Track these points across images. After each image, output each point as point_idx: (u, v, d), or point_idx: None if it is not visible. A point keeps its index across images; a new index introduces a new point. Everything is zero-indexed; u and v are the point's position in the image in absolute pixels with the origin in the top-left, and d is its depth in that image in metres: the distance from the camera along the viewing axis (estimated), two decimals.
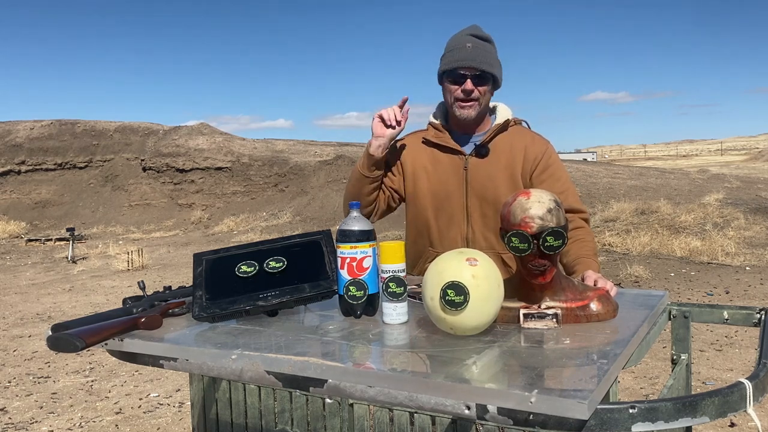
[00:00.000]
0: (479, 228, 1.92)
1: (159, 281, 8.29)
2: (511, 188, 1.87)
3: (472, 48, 1.84)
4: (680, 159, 54.91)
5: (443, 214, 1.95)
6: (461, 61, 1.83)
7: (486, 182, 1.90)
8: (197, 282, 1.50)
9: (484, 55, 1.84)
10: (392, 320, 1.33)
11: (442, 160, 1.94)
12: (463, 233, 1.93)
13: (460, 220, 1.93)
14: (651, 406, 0.92)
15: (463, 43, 1.85)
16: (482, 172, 1.90)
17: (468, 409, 0.95)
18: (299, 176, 15.98)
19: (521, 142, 1.93)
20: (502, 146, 1.92)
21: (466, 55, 1.83)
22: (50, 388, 4.18)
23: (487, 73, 1.85)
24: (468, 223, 1.93)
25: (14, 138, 18.04)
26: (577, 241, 1.81)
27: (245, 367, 1.16)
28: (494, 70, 1.86)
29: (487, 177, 1.90)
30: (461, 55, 1.83)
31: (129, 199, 16.90)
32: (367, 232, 1.41)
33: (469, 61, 1.82)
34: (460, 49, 1.85)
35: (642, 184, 13.28)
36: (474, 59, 1.83)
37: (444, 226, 1.95)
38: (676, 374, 1.54)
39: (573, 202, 1.89)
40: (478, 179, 1.90)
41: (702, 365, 4.11)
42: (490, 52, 1.87)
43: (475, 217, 1.92)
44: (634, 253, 8.21)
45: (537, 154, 1.91)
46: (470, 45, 1.84)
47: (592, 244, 1.83)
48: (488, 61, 1.85)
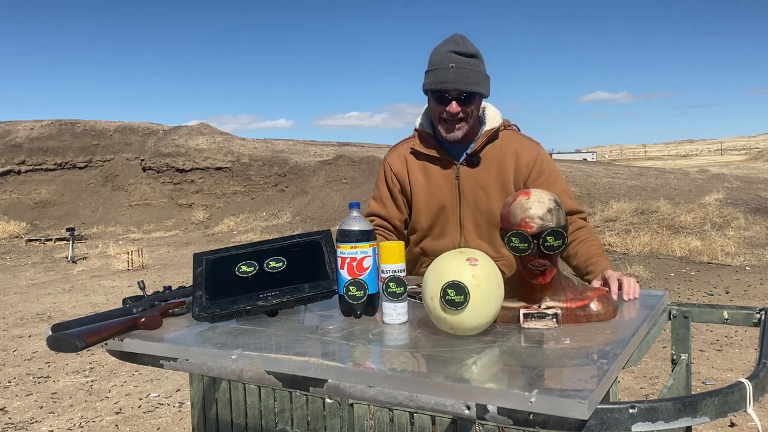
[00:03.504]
0: (472, 238, 1.91)
1: (159, 281, 8.29)
2: (502, 197, 1.85)
3: (456, 69, 1.75)
4: (680, 159, 54.91)
5: (437, 225, 1.94)
6: (445, 84, 1.75)
7: (478, 191, 1.89)
8: (197, 282, 1.50)
9: (468, 74, 1.76)
10: (392, 320, 1.33)
11: (432, 170, 1.92)
12: (456, 243, 1.92)
13: (453, 230, 1.93)
14: (651, 406, 0.92)
15: (446, 63, 1.76)
16: (474, 182, 1.89)
17: (468, 409, 0.95)
18: (299, 176, 15.98)
19: (512, 148, 1.90)
20: (493, 154, 1.89)
21: (450, 77, 1.75)
22: (50, 388, 4.18)
23: (474, 93, 1.78)
24: (461, 233, 1.92)
25: (14, 138, 18.04)
26: (584, 242, 1.81)
27: (245, 367, 1.16)
28: (481, 89, 1.79)
29: (479, 186, 1.88)
30: (445, 77, 1.75)
31: (129, 199, 16.89)
32: (367, 232, 1.41)
33: (452, 84, 1.75)
34: (444, 71, 1.76)
35: (642, 184, 13.28)
36: (458, 81, 1.75)
37: (437, 236, 1.95)
38: (676, 374, 1.54)
39: (570, 205, 1.88)
40: (470, 189, 1.89)
41: (702, 365, 4.11)
42: (476, 69, 1.78)
43: (468, 226, 1.91)
44: (634, 253, 8.21)
45: (529, 160, 1.89)
46: (454, 65, 1.75)
47: (598, 242, 1.83)
48: (474, 80, 1.77)
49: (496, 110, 1.94)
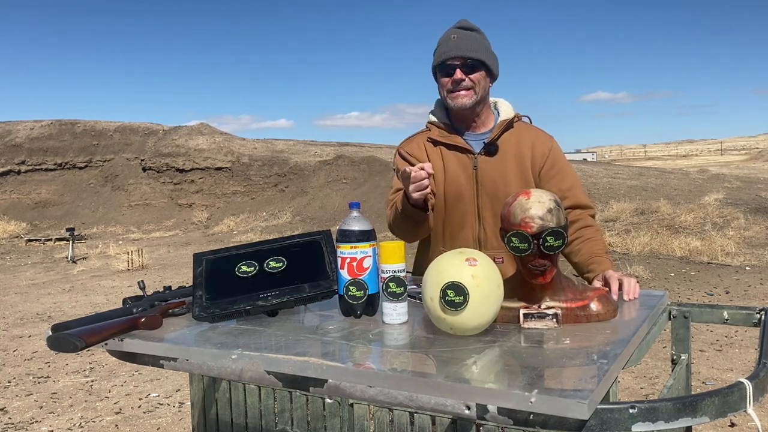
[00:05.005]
0: (491, 228, 1.89)
1: (159, 281, 8.29)
2: (522, 185, 1.85)
3: (458, 38, 1.84)
4: (680, 159, 54.90)
5: (455, 215, 1.92)
6: (447, 53, 1.83)
7: (497, 180, 1.88)
8: (197, 282, 1.50)
9: (470, 43, 1.83)
10: (392, 320, 1.33)
11: (450, 159, 1.91)
12: (475, 233, 1.90)
13: (471, 220, 1.91)
14: (651, 406, 0.92)
15: (449, 35, 1.85)
16: (493, 171, 1.88)
17: (468, 409, 0.95)
18: (299, 176, 15.98)
19: (527, 138, 1.91)
20: (510, 143, 1.90)
21: (451, 45, 1.83)
22: (50, 388, 4.18)
23: (476, 60, 1.83)
24: (480, 223, 1.90)
25: (14, 138, 18.04)
26: (588, 240, 1.81)
27: (245, 367, 1.16)
28: (483, 57, 1.84)
29: (498, 175, 1.88)
30: (447, 47, 1.84)
31: (129, 199, 16.90)
32: (367, 232, 1.41)
33: (455, 51, 1.82)
34: (446, 41, 1.85)
35: (642, 184, 13.28)
36: (459, 48, 1.82)
37: (456, 227, 1.92)
38: (676, 374, 1.54)
39: (582, 198, 1.89)
40: (489, 178, 1.88)
41: (702, 365, 4.11)
42: (477, 40, 1.85)
43: (487, 216, 1.89)
44: (634, 253, 8.21)
45: (544, 151, 1.90)
46: (455, 36, 1.84)
47: (602, 242, 1.83)
48: (474, 48, 1.83)
49: (508, 104, 1.99)
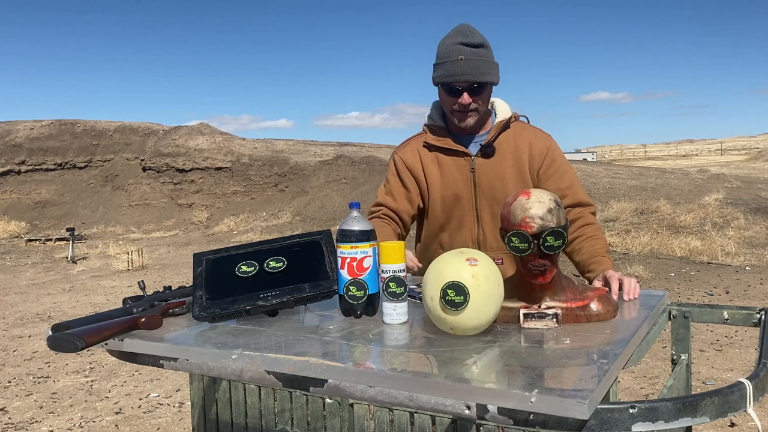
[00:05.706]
0: (490, 229, 1.90)
1: (159, 281, 8.29)
2: (520, 186, 1.86)
3: (465, 60, 1.76)
4: (680, 159, 54.89)
5: (453, 218, 1.93)
6: (455, 76, 1.77)
7: (495, 182, 1.88)
8: (197, 282, 1.50)
9: (478, 65, 1.77)
10: (392, 320, 1.33)
11: (447, 163, 1.91)
12: (474, 236, 1.92)
13: (470, 222, 1.92)
14: (651, 406, 0.92)
15: (455, 55, 1.77)
16: (490, 173, 1.88)
17: (468, 409, 0.95)
18: (299, 176, 15.98)
19: (525, 138, 1.91)
20: (507, 144, 1.90)
21: (460, 69, 1.76)
22: (50, 388, 4.18)
23: (484, 83, 1.80)
24: (478, 225, 1.91)
25: (14, 138, 18.04)
26: (589, 239, 1.81)
27: (245, 367, 1.16)
28: (491, 78, 1.81)
29: (496, 177, 1.88)
30: (455, 70, 1.77)
31: (129, 199, 16.89)
32: (367, 232, 1.41)
33: (464, 76, 1.76)
34: (453, 63, 1.77)
35: (642, 184, 13.28)
36: (468, 73, 1.76)
37: (454, 230, 1.93)
38: (676, 374, 1.54)
39: (581, 196, 1.89)
40: (486, 180, 1.89)
41: (702, 365, 4.11)
42: (485, 59, 1.79)
43: (485, 218, 1.90)
44: (634, 253, 8.20)
45: (542, 150, 1.90)
46: (462, 57, 1.76)
47: (603, 241, 1.83)
48: (483, 70, 1.78)
49: (505, 104, 1.97)
